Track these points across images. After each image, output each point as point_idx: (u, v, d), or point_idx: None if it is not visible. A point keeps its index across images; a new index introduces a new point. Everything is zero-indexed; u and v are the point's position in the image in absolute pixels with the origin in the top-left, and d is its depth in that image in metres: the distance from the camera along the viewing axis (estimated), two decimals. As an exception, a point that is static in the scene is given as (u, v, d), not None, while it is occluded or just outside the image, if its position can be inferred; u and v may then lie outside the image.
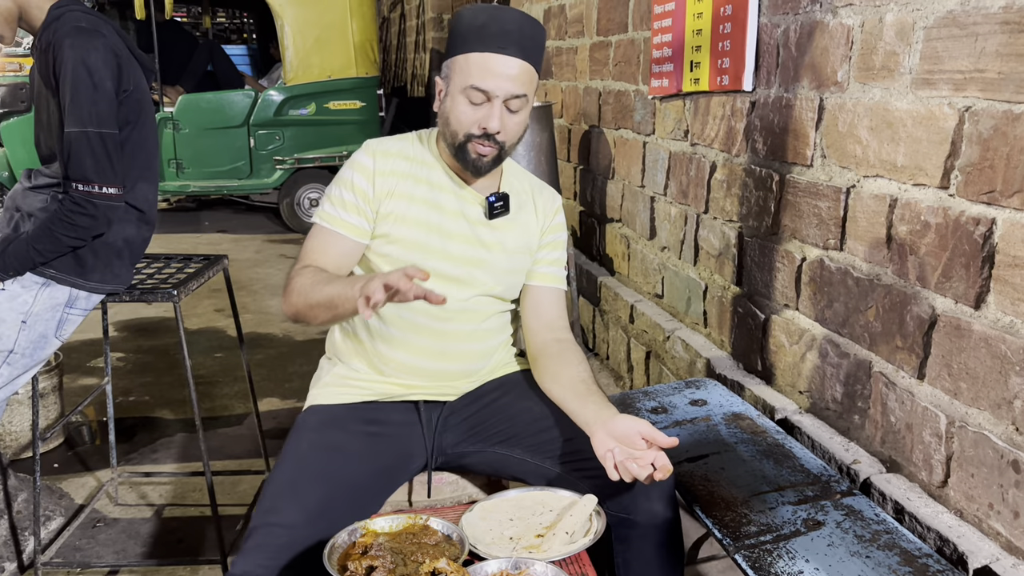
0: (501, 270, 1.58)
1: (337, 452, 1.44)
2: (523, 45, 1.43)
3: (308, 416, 1.54)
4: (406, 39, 11.15)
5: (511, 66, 1.42)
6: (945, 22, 1.57)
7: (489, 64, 1.42)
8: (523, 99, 1.45)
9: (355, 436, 1.49)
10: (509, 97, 1.43)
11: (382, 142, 1.58)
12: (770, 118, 2.19)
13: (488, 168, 1.50)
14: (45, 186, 1.91)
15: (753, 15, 2.22)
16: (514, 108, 1.45)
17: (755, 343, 2.31)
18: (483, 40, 1.42)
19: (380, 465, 1.48)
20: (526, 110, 1.48)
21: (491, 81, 1.42)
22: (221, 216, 7.22)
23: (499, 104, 1.43)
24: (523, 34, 1.44)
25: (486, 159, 1.48)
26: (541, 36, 1.50)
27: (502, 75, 1.42)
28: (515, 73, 1.43)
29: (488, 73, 1.42)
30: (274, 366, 3.67)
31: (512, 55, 1.42)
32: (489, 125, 1.44)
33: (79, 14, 1.84)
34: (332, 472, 1.40)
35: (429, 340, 1.55)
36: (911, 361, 1.69)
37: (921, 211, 1.65)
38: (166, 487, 2.61)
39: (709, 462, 1.68)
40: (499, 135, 1.45)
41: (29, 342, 1.88)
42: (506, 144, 1.49)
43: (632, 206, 3.29)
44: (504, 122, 1.45)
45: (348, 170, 1.55)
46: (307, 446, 1.45)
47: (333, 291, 1.39)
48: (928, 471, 1.66)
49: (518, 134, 1.50)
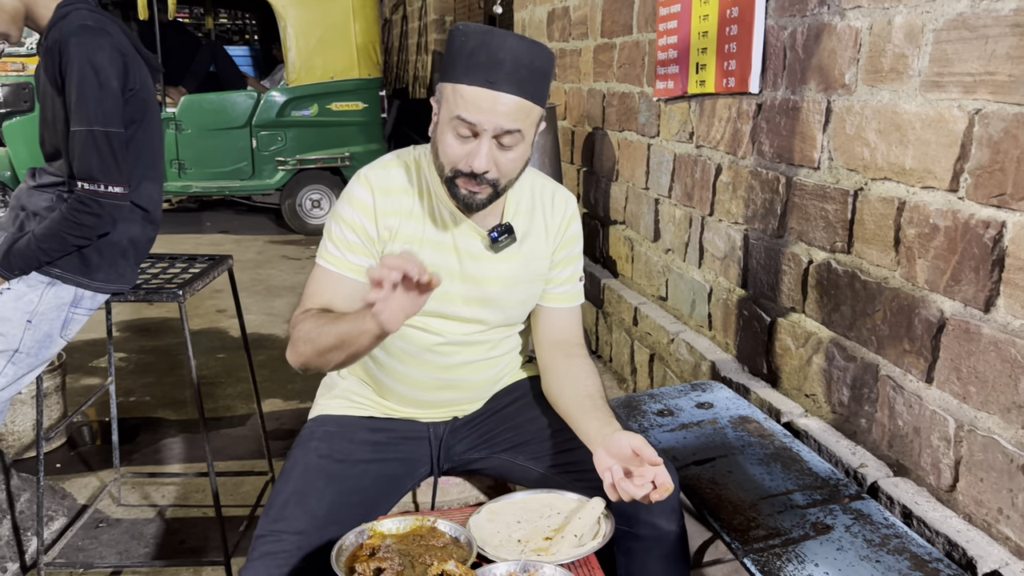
0: (508, 304, 1.51)
1: (344, 462, 1.43)
2: (517, 77, 1.29)
3: (315, 426, 1.52)
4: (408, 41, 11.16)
5: (501, 102, 1.29)
6: (955, 24, 1.56)
7: (476, 99, 1.29)
8: (516, 135, 1.32)
9: (362, 445, 1.48)
10: (499, 133, 1.31)
11: (381, 174, 1.46)
12: (777, 120, 2.19)
13: (483, 205, 1.38)
14: (50, 185, 1.91)
15: (760, 17, 2.22)
16: (506, 144, 1.32)
17: (761, 346, 2.30)
18: (470, 71, 1.29)
19: (387, 472, 1.47)
20: (522, 145, 1.35)
21: (477, 115, 1.29)
22: (223, 217, 7.22)
23: (488, 140, 1.31)
24: (518, 64, 1.29)
25: (479, 197, 1.36)
26: (542, 63, 1.34)
27: (490, 110, 1.29)
28: (505, 109, 1.29)
29: (474, 107, 1.29)
30: (276, 367, 3.66)
31: (502, 90, 1.28)
32: (475, 164, 1.31)
33: (85, 13, 1.84)
34: (339, 479, 1.39)
35: (434, 372, 1.51)
36: (919, 365, 1.69)
37: (930, 214, 1.64)
38: (169, 488, 2.60)
39: (716, 465, 1.67)
40: (488, 174, 1.33)
41: (34, 341, 1.87)
42: (500, 182, 1.36)
43: (636, 208, 3.28)
44: (495, 160, 1.33)
45: (347, 208, 1.44)
46: (314, 455, 1.43)
47: (343, 328, 1.29)
48: (936, 475, 1.65)
49: (514, 171, 1.37)
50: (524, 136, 1.34)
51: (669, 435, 1.81)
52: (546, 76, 1.36)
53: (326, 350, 1.32)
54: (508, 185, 1.39)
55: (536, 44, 1.34)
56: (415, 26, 10.56)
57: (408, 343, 1.49)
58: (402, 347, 1.49)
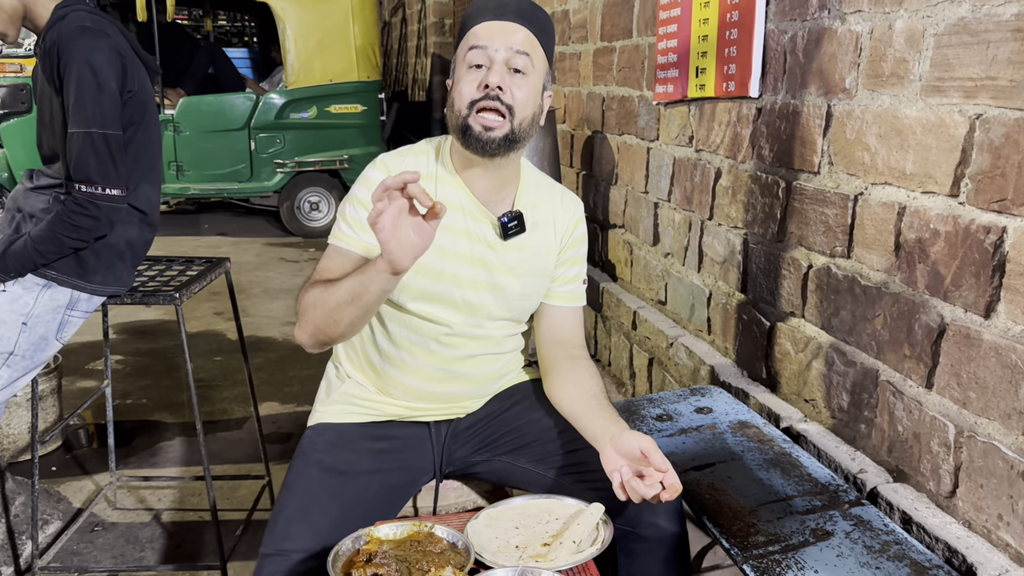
0: (514, 295, 1.52)
1: (346, 473, 1.42)
2: (522, 14, 1.40)
3: (315, 436, 1.50)
4: (407, 44, 11.16)
5: (509, 28, 1.38)
6: (956, 29, 1.56)
7: (486, 29, 1.38)
8: (526, 59, 1.38)
9: (363, 455, 1.46)
10: (510, 55, 1.37)
11: (397, 160, 1.50)
12: (777, 125, 2.18)
13: (498, 147, 1.38)
14: (47, 187, 1.90)
15: (760, 21, 2.21)
16: (518, 67, 1.37)
17: (760, 350, 2.29)
18: (479, 15, 1.40)
19: (390, 483, 1.46)
20: (533, 79, 1.40)
21: (488, 40, 1.37)
22: (221, 219, 7.21)
23: (500, 63, 1.37)
24: (521, 6, 1.41)
25: (494, 133, 1.36)
26: (545, 17, 1.44)
27: (501, 33, 1.37)
28: (515, 34, 1.38)
29: (485, 36, 1.38)
30: (274, 370, 3.65)
31: (510, 20, 1.38)
32: (490, 79, 1.35)
33: (84, 14, 1.83)
34: (342, 494, 1.38)
35: (439, 364, 1.51)
36: (919, 370, 1.68)
37: (930, 219, 1.64)
38: (165, 491, 2.59)
39: (716, 471, 1.66)
40: (504, 95, 1.36)
41: (29, 344, 1.86)
42: (515, 111, 1.37)
43: (635, 212, 3.28)
44: (507, 82, 1.37)
45: (363, 189, 1.46)
46: (316, 468, 1.42)
47: (352, 281, 1.29)
48: (936, 481, 1.64)
49: (528, 104, 1.39)
50: (534, 68, 1.40)
51: (668, 440, 1.80)
52: (548, 31, 1.44)
53: (336, 307, 1.31)
54: (523, 127, 1.40)
55: (539, 5, 1.44)
56: (414, 29, 10.57)
57: (415, 333, 1.49)
58: (408, 336, 1.49)
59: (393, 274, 1.24)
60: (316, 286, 1.38)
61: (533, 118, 1.42)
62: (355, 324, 1.34)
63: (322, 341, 1.39)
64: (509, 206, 1.51)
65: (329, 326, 1.34)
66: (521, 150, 1.46)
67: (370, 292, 1.28)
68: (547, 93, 1.47)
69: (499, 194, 1.50)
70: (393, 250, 1.19)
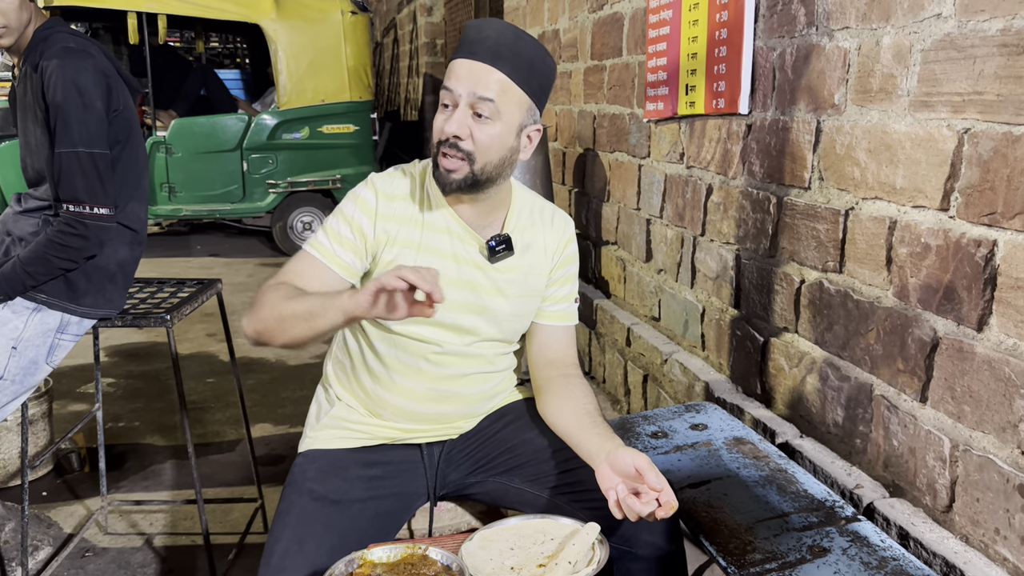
0: (504, 316, 1.51)
1: (340, 502, 1.40)
2: (497, 53, 1.34)
3: (306, 463, 1.48)
4: (399, 64, 11.21)
5: (476, 70, 1.33)
6: (943, 45, 1.57)
7: (456, 68, 1.35)
8: (490, 104, 1.33)
9: (356, 482, 1.45)
10: (473, 99, 1.33)
11: (386, 181, 1.48)
12: (767, 141, 2.19)
13: (457, 187, 1.37)
14: (36, 209, 1.89)
15: (749, 39, 2.23)
16: (483, 113, 1.33)
17: (754, 366, 2.29)
18: (459, 50, 1.37)
19: (384, 510, 1.45)
20: (500, 124, 1.35)
21: (454, 82, 1.34)
22: (213, 240, 7.19)
23: (464, 107, 1.33)
24: (499, 42, 1.34)
25: (454, 175, 1.36)
26: (530, 52, 1.37)
27: (465, 76, 1.33)
28: (478, 77, 1.33)
29: (453, 76, 1.35)
30: (267, 391, 3.63)
31: (480, 60, 1.33)
32: (446, 127, 1.33)
33: (66, 35, 1.83)
34: (337, 524, 1.37)
35: (430, 383, 1.50)
36: (913, 384, 1.68)
37: (921, 233, 1.64)
38: (157, 515, 2.56)
39: (711, 488, 1.65)
40: (464, 143, 1.34)
41: (19, 368, 1.85)
42: (475, 157, 1.35)
43: (628, 229, 3.28)
44: (470, 129, 1.34)
45: (350, 205, 1.45)
46: (308, 498, 1.40)
47: (314, 301, 1.28)
48: (932, 496, 1.64)
49: (490, 150, 1.36)
50: (500, 112, 1.35)
51: (663, 458, 1.79)
52: (531, 65, 1.38)
53: (291, 317, 1.30)
54: (487, 170, 1.37)
55: (530, 37, 1.39)
56: (406, 49, 10.62)
57: (404, 352, 1.48)
58: (398, 356, 1.48)
59: (348, 316, 1.23)
60: (280, 288, 1.36)
61: (502, 160, 1.39)
62: (299, 341, 1.33)
63: (265, 341, 1.37)
64: (498, 229, 1.50)
65: (275, 332, 1.33)
66: (500, 183, 1.43)
67: (325, 319, 1.26)
68: (532, 128, 1.43)
69: (487, 218, 1.49)
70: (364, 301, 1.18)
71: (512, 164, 1.42)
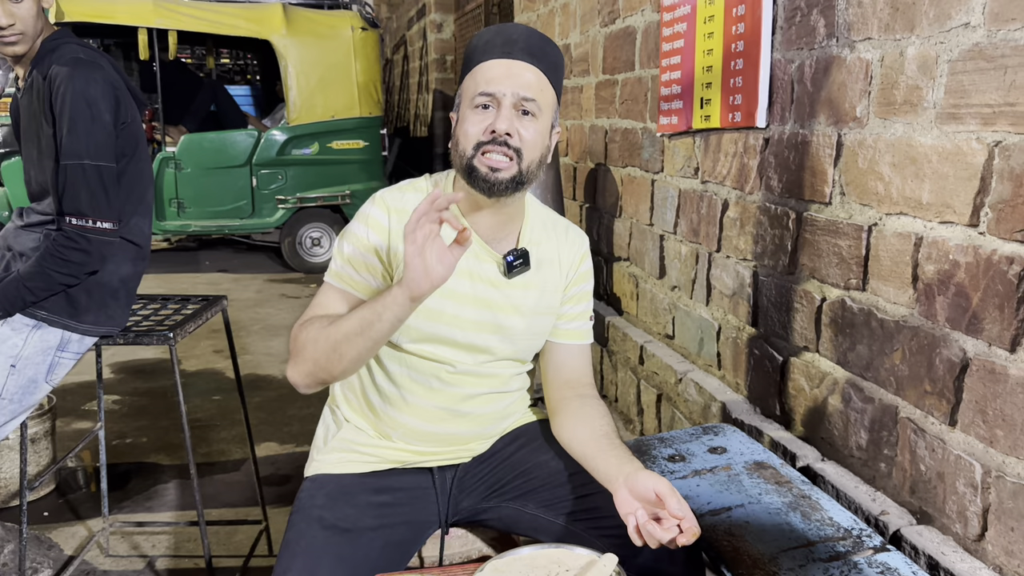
0: (519, 334, 1.46)
1: (350, 531, 1.35)
2: (531, 52, 1.33)
3: (314, 489, 1.42)
4: (409, 80, 11.24)
5: (518, 70, 1.31)
6: (971, 55, 1.51)
7: (495, 69, 1.32)
8: (534, 103, 1.32)
9: (366, 509, 1.39)
10: (517, 99, 1.31)
11: (396, 196, 1.44)
12: (785, 155, 2.14)
13: (505, 188, 1.33)
14: (38, 224, 1.85)
15: (766, 51, 2.18)
16: (529, 110, 1.32)
17: (773, 386, 2.22)
18: (487, 52, 1.34)
19: (395, 539, 1.39)
20: (542, 121, 1.34)
21: (496, 84, 1.31)
22: (222, 256, 7.18)
23: (508, 107, 1.31)
24: (530, 43, 1.34)
25: (501, 174, 1.31)
26: (554, 52, 1.38)
27: (508, 76, 1.31)
28: (522, 76, 1.31)
29: (494, 77, 1.31)
30: (273, 409, 3.58)
31: (519, 59, 1.32)
32: (498, 125, 1.30)
33: (75, 46, 1.80)
34: (348, 553, 1.31)
35: (441, 403, 1.45)
36: (941, 407, 1.61)
37: (949, 250, 1.58)
38: (159, 537, 2.51)
39: (733, 515, 1.59)
40: (512, 139, 1.31)
41: (18, 387, 1.80)
42: (524, 154, 1.32)
43: (640, 244, 3.23)
44: (515, 125, 1.31)
45: (361, 226, 1.41)
46: (318, 527, 1.34)
47: (362, 312, 1.25)
48: (963, 523, 1.57)
49: (536, 147, 1.34)
50: (542, 111, 1.34)
51: (682, 483, 1.73)
52: (556, 66, 1.38)
53: (343, 339, 1.26)
54: (530, 169, 1.35)
55: (547, 37, 1.38)
56: (416, 65, 10.64)
57: (415, 371, 1.43)
58: (409, 375, 1.43)
59: (411, 300, 1.21)
60: (315, 322, 1.33)
61: (541, 159, 1.37)
62: (360, 359, 1.29)
63: (320, 379, 1.33)
64: (513, 244, 1.46)
65: (332, 361, 1.29)
66: (527, 188, 1.40)
67: (383, 320, 1.23)
68: (555, 130, 1.42)
69: (503, 231, 1.45)
70: (415, 267, 1.17)
71: (544, 165, 1.40)
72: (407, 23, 11.30)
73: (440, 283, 1.20)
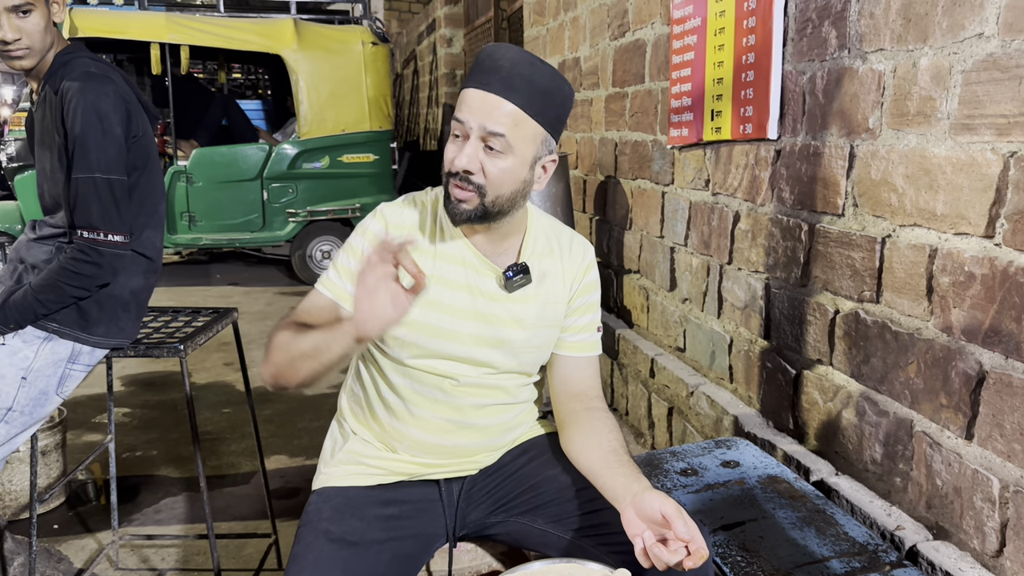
0: (522, 348, 1.44)
1: (357, 544, 1.33)
2: (510, 83, 1.27)
3: (321, 502, 1.41)
4: (419, 94, 11.29)
5: (487, 102, 1.27)
6: (985, 65, 1.50)
7: (468, 98, 1.29)
8: (501, 139, 1.27)
9: (373, 522, 1.38)
10: (484, 133, 1.27)
11: (396, 211, 1.43)
12: (797, 166, 2.13)
13: (467, 218, 1.31)
14: (50, 236, 1.86)
15: (777, 63, 2.17)
16: (493, 147, 1.27)
17: (786, 400, 2.20)
18: (472, 77, 1.31)
19: (402, 552, 1.37)
20: (512, 158, 1.29)
21: (466, 113, 1.28)
22: (233, 269, 7.20)
23: (475, 140, 1.28)
24: (513, 72, 1.28)
25: (464, 206, 1.30)
26: (546, 82, 1.30)
27: (477, 108, 1.27)
28: (489, 109, 1.27)
29: (465, 106, 1.29)
30: (283, 422, 3.57)
31: (492, 91, 1.27)
32: (457, 161, 1.28)
33: (87, 60, 1.81)
34: (355, 568, 1.30)
35: (447, 414, 1.43)
36: (958, 420, 1.59)
37: (964, 261, 1.56)
38: (169, 550, 2.50)
39: (746, 530, 1.57)
40: (474, 177, 1.28)
41: (29, 399, 1.80)
42: (486, 190, 1.29)
43: (651, 257, 3.21)
44: (481, 162, 1.28)
45: (359, 239, 1.41)
46: (325, 540, 1.33)
47: (318, 336, 1.25)
48: (981, 539, 1.54)
49: (502, 184, 1.30)
50: (512, 146, 1.29)
51: (695, 496, 1.71)
52: (547, 95, 1.31)
53: (299, 356, 1.26)
54: (499, 202, 1.32)
55: (547, 66, 1.32)
56: (426, 80, 10.69)
57: (420, 383, 1.42)
58: (413, 387, 1.42)
59: (357, 340, 1.19)
60: (289, 327, 1.33)
61: (513, 193, 1.33)
62: (314, 376, 1.28)
63: (281, 384, 1.33)
64: (514, 257, 1.44)
65: (290, 372, 1.29)
66: (514, 212, 1.37)
67: (332, 351, 1.23)
68: (548, 159, 1.37)
69: (502, 246, 1.43)
70: (363, 310, 1.15)
71: (526, 195, 1.37)
72: (417, 38, 11.36)
73: (390, 326, 1.18)
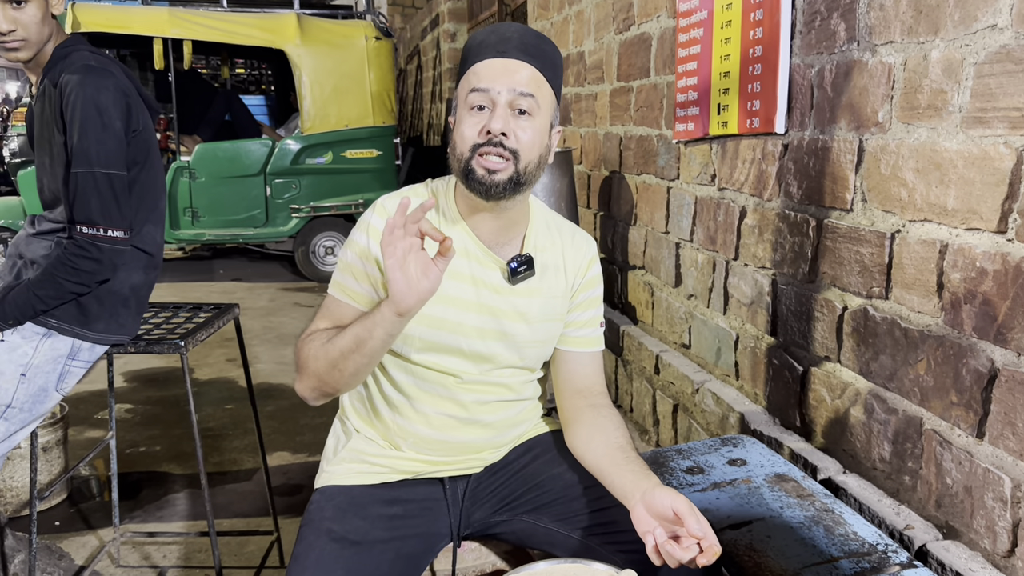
0: (525, 342, 1.43)
1: (360, 544, 1.32)
2: (526, 50, 1.30)
3: (323, 501, 1.39)
4: (423, 90, 11.25)
5: (513, 67, 1.29)
6: (998, 57, 1.48)
7: (488, 68, 1.30)
8: (531, 100, 1.29)
9: (376, 521, 1.36)
10: (513, 96, 1.28)
11: (396, 201, 1.41)
12: (805, 161, 2.10)
13: (503, 190, 1.29)
14: (49, 232, 1.84)
15: (785, 56, 2.15)
16: (524, 109, 1.29)
17: (793, 397, 2.18)
18: (482, 52, 1.31)
19: (405, 552, 1.35)
20: (539, 120, 1.31)
21: (491, 83, 1.28)
22: (236, 264, 7.19)
23: (504, 106, 1.28)
24: (525, 40, 1.31)
25: (498, 175, 1.28)
26: (551, 50, 1.35)
27: (502, 73, 1.28)
28: (517, 73, 1.29)
29: (487, 76, 1.29)
30: (285, 418, 3.56)
31: (513, 57, 1.29)
32: (492, 125, 1.26)
33: (87, 53, 1.79)
34: (358, 568, 1.28)
35: (450, 410, 1.42)
36: (968, 418, 1.57)
37: (976, 257, 1.54)
38: (171, 547, 2.48)
39: (754, 529, 1.55)
40: (508, 140, 1.27)
41: (28, 396, 1.78)
42: (520, 155, 1.29)
43: (656, 253, 3.19)
44: (511, 125, 1.28)
45: (361, 235, 1.39)
46: (327, 539, 1.31)
47: (355, 329, 1.25)
48: (992, 539, 1.52)
49: (534, 147, 1.30)
50: (540, 108, 1.31)
51: (701, 495, 1.69)
52: (554, 64, 1.36)
53: (340, 356, 1.27)
54: (528, 169, 1.31)
55: (543, 35, 1.36)
56: (430, 75, 10.66)
57: (423, 380, 1.40)
58: (416, 384, 1.41)
59: (398, 315, 1.20)
60: (316, 337, 1.33)
61: (540, 159, 1.33)
62: (359, 373, 1.29)
63: (325, 392, 1.34)
64: (517, 249, 1.43)
65: (332, 376, 1.29)
66: (528, 190, 1.37)
67: (375, 337, 1.23)
68: (555, 130, 1.39)
69: (506, 236, 1.42)
70: (398, 280, 1.16)
71: (544, 166, 1.36)
72: (421, 33, 11.33)
73: (427, 296, 1.19)
